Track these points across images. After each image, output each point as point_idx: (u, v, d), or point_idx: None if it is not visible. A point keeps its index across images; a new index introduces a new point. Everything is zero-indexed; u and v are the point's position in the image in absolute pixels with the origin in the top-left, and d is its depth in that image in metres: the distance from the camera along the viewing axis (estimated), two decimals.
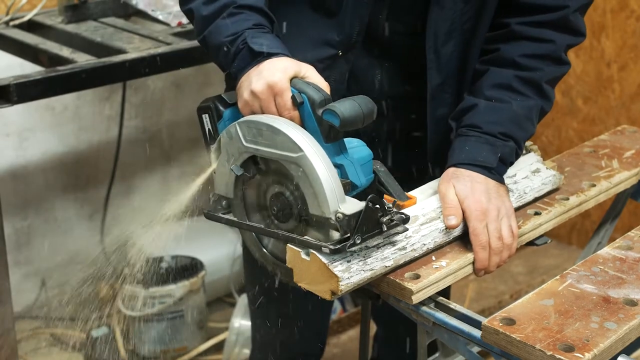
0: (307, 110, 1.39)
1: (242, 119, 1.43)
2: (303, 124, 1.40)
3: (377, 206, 1.34)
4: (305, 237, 1.37)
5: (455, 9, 1.57)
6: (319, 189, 1.33)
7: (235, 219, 1.49)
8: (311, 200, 1.35)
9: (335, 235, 1.33)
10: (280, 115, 1.40)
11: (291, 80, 1.41)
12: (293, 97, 1.39)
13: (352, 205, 1.33)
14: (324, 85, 1.43)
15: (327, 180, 1.33)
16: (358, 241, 1.32)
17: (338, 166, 1.39)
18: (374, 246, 1.37)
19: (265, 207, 1.44)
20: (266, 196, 1.44)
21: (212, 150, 1.49)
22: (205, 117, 1.53)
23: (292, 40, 1.56)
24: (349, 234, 1.32)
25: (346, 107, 1.36)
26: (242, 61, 1.46)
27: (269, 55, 1.44)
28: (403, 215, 1.38)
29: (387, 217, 1.35)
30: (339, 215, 1.32)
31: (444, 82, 1.63)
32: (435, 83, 1.63)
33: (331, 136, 1.38)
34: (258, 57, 1.45)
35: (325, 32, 1.61)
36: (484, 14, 1.60)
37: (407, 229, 1.40)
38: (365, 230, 1.33)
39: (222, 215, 1.50)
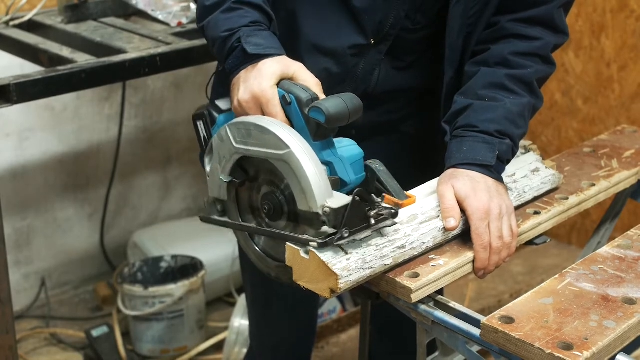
0: (294, 110, 1.41)
1: (231, 122, 1.45)
2: (292, 124, 1.41)
3: (364, 200, 1.34)
4: (293, 233, 1.38)
5: (468, 3, 1.59)
6: (306, 184, 1.34)
7: (229, 220, 1.50)
8: (299, 197, 1.36)
9: (325, 230, 1.34)
10: None
11: (280, 82, 1.43)
12: (283, 98, 1.42)
13: (339, 200, 1.34)
14: (314, 83, 1.44)
15: (314, 175, 1.34)
16: (346, 235, 1.33)
17: (326, 163, 1.40)
18: (362, 239, 1.38)
19: (257, 207, 1.46)
20: (258, 197, 1.45)
21: (205, 154, 1.51)
22: (200, 124, 1.56)
23: (325, 25, 1.59)
24: (337, 228, 1.33)
25: (332, 104, 1.38)
26: (236, 60, 1.48)
27: (261, 57, 1.46)
28: (392, 210, 1.38)
29: (375, 211, 1.36)
30: (326, 209, 1.33)
31: (454, 77, 1.65)
32: (449, 77, 1.64)
33: (319, 134, 1.40)
34: (250, 58, 1.47)
35: (358, 18, 1.61)
36: (487, 10, 1.61)
37: (395, 223, 1.40)
38: (353, 224, 1.34)
39: (217, 218, 1.51)
